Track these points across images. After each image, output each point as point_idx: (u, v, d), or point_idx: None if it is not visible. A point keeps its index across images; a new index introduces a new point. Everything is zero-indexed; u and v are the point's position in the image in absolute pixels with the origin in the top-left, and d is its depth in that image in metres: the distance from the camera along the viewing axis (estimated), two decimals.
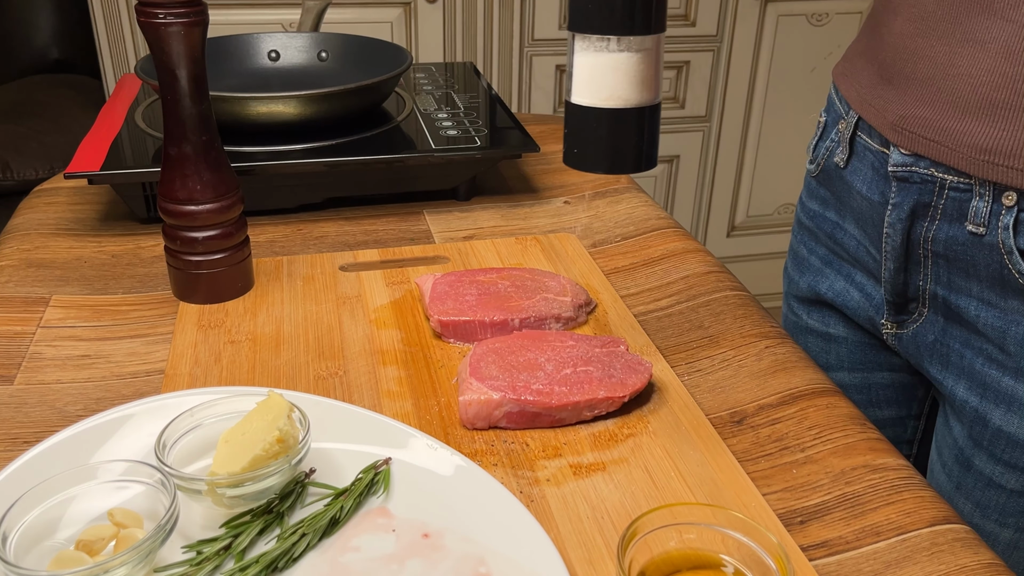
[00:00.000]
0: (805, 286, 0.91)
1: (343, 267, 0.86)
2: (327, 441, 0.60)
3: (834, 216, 0.86)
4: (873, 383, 0.88)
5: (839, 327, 0.89)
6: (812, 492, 0.60)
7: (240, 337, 0.74)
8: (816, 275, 0.89)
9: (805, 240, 0.91)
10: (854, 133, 0.80)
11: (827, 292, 0.88)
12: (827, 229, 0.87)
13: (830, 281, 0.87)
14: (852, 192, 0.80)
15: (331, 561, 0.52)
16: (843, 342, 0.89)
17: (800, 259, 0.92)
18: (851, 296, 0.85)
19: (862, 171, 0.79)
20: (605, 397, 0.64)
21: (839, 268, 0.87)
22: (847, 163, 0.81)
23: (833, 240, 0.86)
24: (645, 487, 0.59)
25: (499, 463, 0.61)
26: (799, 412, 0.68)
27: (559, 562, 0.50)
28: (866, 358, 0.88)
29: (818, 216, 0.88)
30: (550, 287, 0.79)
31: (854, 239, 0.83)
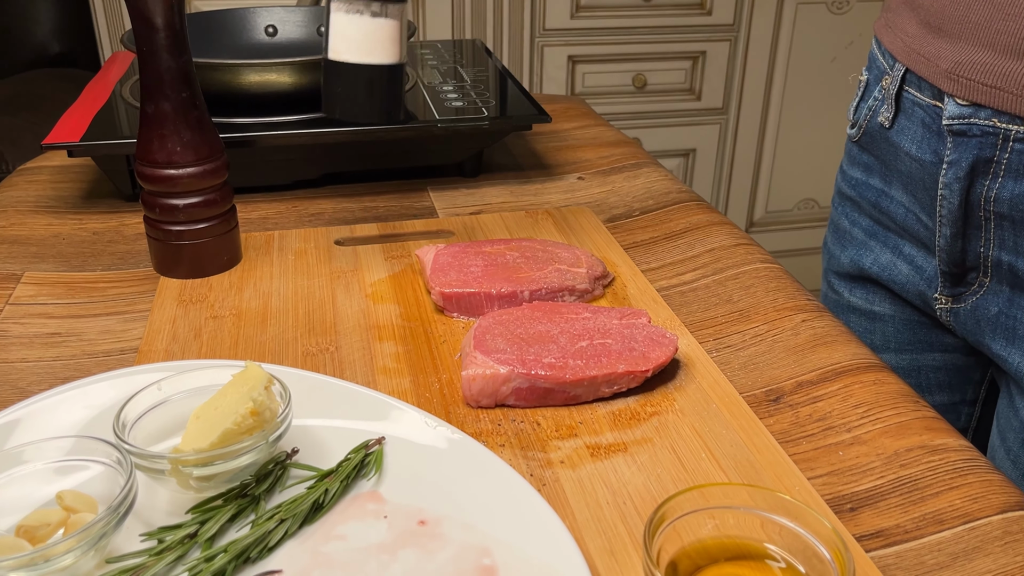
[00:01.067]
0: (847, 261, 0.84)
1: (339, 241, 0.80)
2: (313, 418, 0.53)
3: (879, 183, 0.79)
4: (923, 365, 0.81)
5: (885, 304, 0.81)
6: (862, 476, 0.53)
7: (223, 312, 0.68)
8: (859, 248, 0.82)
9: (847, 211, 0.84)
10: (900, 88, 0.73)
11: (872, 267, 0.81)
12: (871, 198, 0.80)
13: (875, 255, 0.80)
14: (899, 154, 0.73)
15: (312, 551, 0.45)
16: (889, 320, 0.81)
17: (841, 232, 0.85)
18: (899, 270, 0.78)
19: (910, 129, 0.72)
20: (626, 372, 0.57)
21: (885, 240, 0.79)
22: (893, 122, 0.74)
23: (878, 209, 0.79)
24: (672, 469, 0.52)
25: (506, 444, 0.54)
26: (843, 389, 0.60)
27: (575, 552, 0.43)
28: (915, 338, 0.80)
29: (861, 184, 0.81)
30: (563, 258, 0.72)
31: (902, 207, 0.76)
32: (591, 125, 1.15)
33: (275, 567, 0.44)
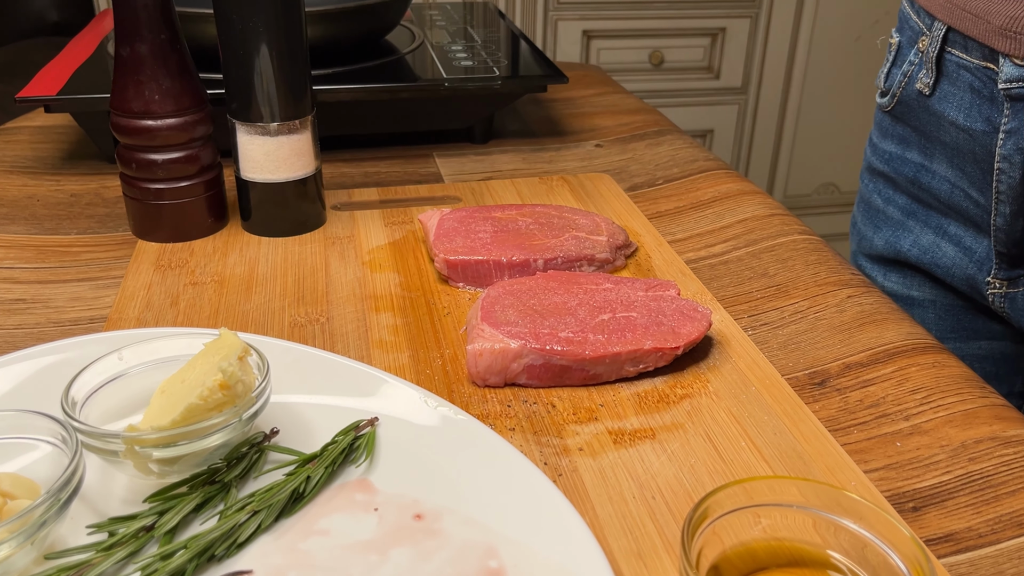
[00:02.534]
0: (881, 243, 0.76)
1: (335, 206, 0.73)
2: (297, 394, 0.47)
3: (917, 157, 0.71)
4: (967, 355, 0.74)
5: (924, 289, 0.74)
6: (925, 471, 0.46)
7: (204, 279, 0.61)
8: (896, 229, 0.74)
9: (880, 188, 0.76)
10: (941, 50, 0.65)
11: (910, 249, 0.73)
12: (909, 173, 0.72)
13: (914, 236, 0.72)
14: (942, 124, 0.66)
15: (289, 548, 0.38)
16: (929, 307, 0.74)
17: (874, 211, 0.77)
18: (943, 252, 0.70)
19: (956, 96, 0.64)
20: (653, 349, 0.51)
21: (926, 219, 0.72)
22: (934, 89, 0.66)
23: (917, 186, 0.71)
24: (708, 459, 0.45)
25: (517, 427, 0.47)
26: (898, 372, 0.54)
27: (597, 553, 0.37)
28: (960, 325, 0.73)
29: (896, 158, 0.73)
30: (581, 225, 0.65)
31: (947, 182, 0.68)
32: (609, 92, 1.08)
33: (244, 566, 0.37)
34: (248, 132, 0.64)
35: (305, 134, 0.65)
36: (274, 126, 0.63)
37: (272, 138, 0.64)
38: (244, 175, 0.65)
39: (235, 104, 0.63)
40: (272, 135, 0.64)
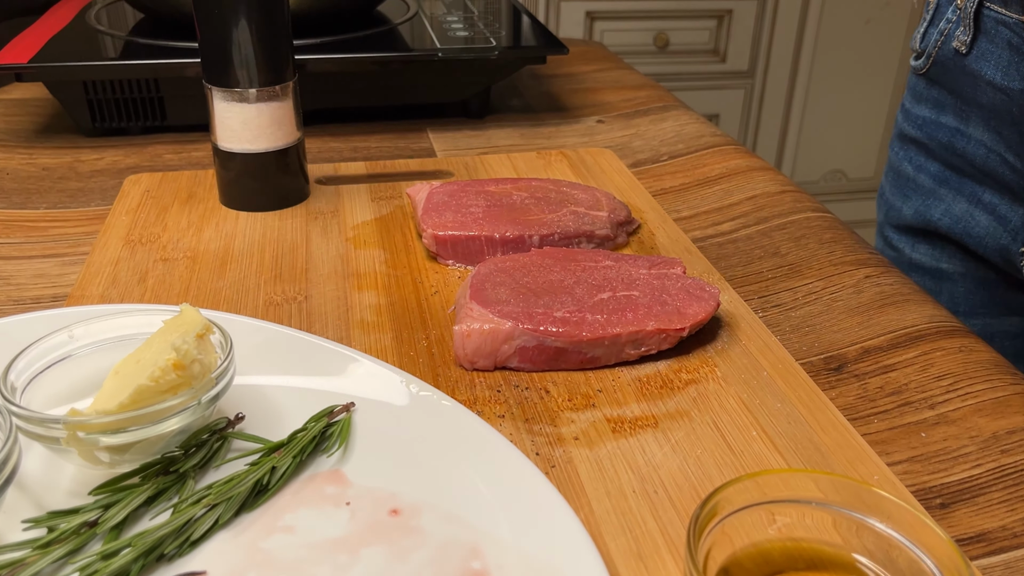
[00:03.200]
0: (911, 212, 0.72)
1: (320, 180, 0.69)
2: (267, 377, 0.43)
3: (952, 121, 0.67)
4: (997, 331, 0.70)
5: (955, 261, 0.70)
6: (953, 464, 0.42)
7: (176, 255, 0.57)
8: (927, 198, 0.70)
9: (911, 155, 0.72)
10: (980, 5, 0.61)
11: (941, 219, 0.69)
12: (943, 138, 0.68)
13: (946, 204, 0.68)
14: (979, 84, 0.62)
15: (248, 546, 0.34)
16: (959, 280, 0.70)
17: (904, 179, 0.73)
18: (976, 221, 0.66)
19: (993, 54, 0.60)
20: (656, 330, 0.47)
21: (959, 187, 0.68)
22: (971, 47, 0.62)
23: (951, 151, 0.67)
24: (716, 450, 0.41)
25: (507, 415, 0.43)
26: (921, 357, 0.49)
27: (592, 554, 0.33)
28: (990, 299, 0.69)
29: (930, 123, 0.69)
30: (580, 200, 0.61)
31: (982, 147, 0.64)
32: (612, 68, 1.04)
33: (198, 567, 0.33)
34: (225, 99, 0.60)
35: (286, 102, 0.61)
36: (252, 92, 0.59)
37: (250, 105, 0.60)
38: (221, 145, 0.61)
39: (211, 68, 0.59)
40: (251, 102, 0.60)
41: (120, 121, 0.80)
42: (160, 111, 0.80)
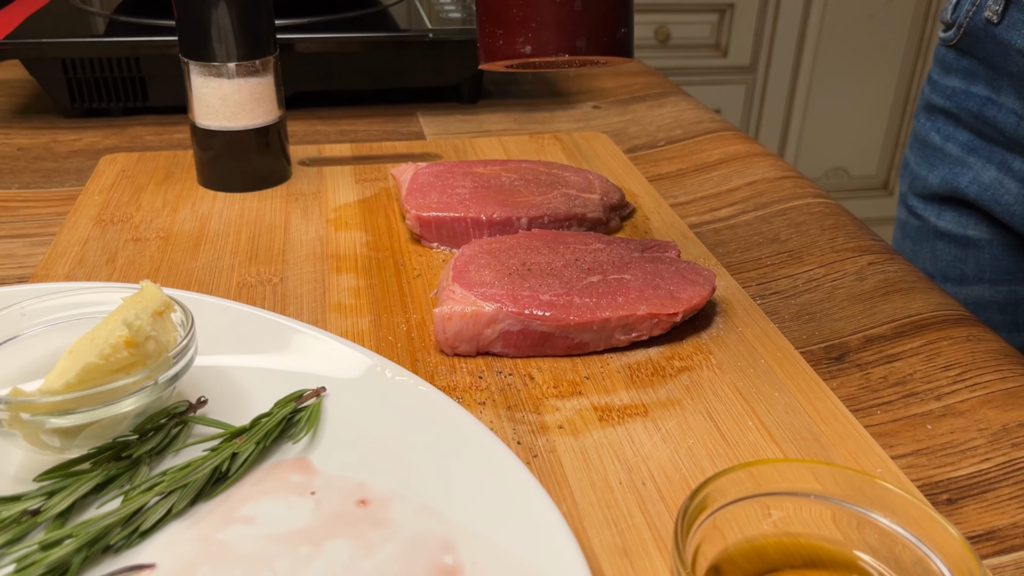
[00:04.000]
0: (937, 181, 0.71)
1: (303, 161, 0.66)
2: (234, 359, 0.40)
3: (983, 90, 0.66)
4: (1022, 299, 0.68)
5: (981, 228, 0.69)
6: (961, 458, 0.40)
7: (148, 235, 0.55)
8: (954, 166, 0.69)
9: (939, 125, 0.71)
10: None
11: (969, 186, 0.68)
12: (973, 107, 0.67)
13: (975, 172, 0.67)
14: (1009, 52, 0.60)
15: (203, 537, 0.32)
16: (986, 247, 0.69)
17: (932, 149, 0.72)
18: (1005, 188, 0.65)
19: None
20: (648, 314, 0.44)
21: (989, 155, 0.66)
22: (1002, 16, 0.60)
23: (981, 120, 0.66)
24: (709, 440, 0.39)
25: (488, 401, 0.41)
26: (927, 346, 0.47)
27: (573, 548, 0.30)
28: (1016, 265, 0.68)
29: (960, 93, 0.68)
30: (572, 182, 0.59)
31: (1013, 114, 0.63)
32: None
33: (147, 559, 0.31)
34: (202, 74, 0.57)
35: (266, 78, 0.59)
36: (231, 67, 0.57)
37: (229, 81, 0.57)
38: (199, 123, 0.59)
39: (187, 41, 0.57)
40: (229, 77, 0.57)
41: (100, 102, 0.77)
42: (142, 92, 0.77)
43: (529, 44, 0.38)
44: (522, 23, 0.38)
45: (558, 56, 0.39)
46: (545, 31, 0.38)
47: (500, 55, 0.39)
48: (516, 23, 0.38)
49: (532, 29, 0.38)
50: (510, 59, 0.39)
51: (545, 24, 0.38)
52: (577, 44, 0.38)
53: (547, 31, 0.38)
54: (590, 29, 0.38)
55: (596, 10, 0.38)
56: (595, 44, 0.39)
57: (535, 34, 0.38)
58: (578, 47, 0.38)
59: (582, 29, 0.38)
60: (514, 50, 0.39)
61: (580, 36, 0.38)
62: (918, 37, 2.14)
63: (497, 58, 0.39)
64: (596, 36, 0.39)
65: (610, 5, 0.39)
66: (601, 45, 0.39)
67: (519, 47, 0.39)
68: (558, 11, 0.38)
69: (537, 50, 0.38)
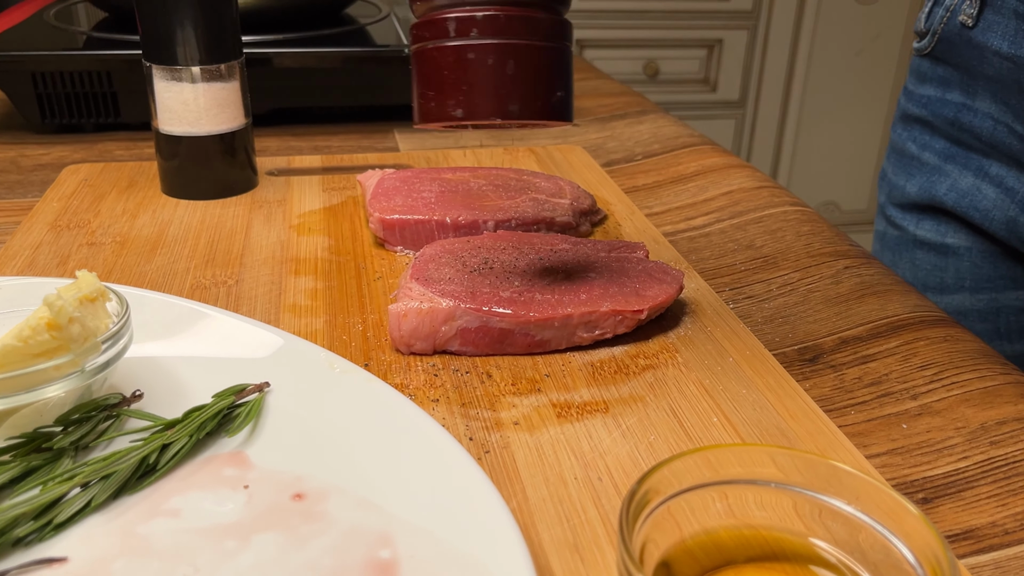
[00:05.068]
0: (915, 190, 0.70)
1: (271, 172, 0.65)
2: (176, 353, 0.39)
3: (959, 96, 0.65)
4: (1003, 306, 0.66)
5: (960, 236, 0.67)
6: (938, 457, 0.38)
7: (104, 239, 0.53)
8: (932, 174, 0.68)
9: (915, 135, 0.70)
10: None
11: (947, 194, 0.67)
12: (949, 115, 0.66)
13: (952, 180, 0.66)
14: (986, 56, 0.60)
15: (122, 531, 0.30)
16: (965, 254, 0.67)
17: (908, 158, 0.71)
18: (983, 194, 0.64)
19: (1000, 24, 0.58)
20: (612, 311, 0.42)
21: (965, 162, 0.65)
22: (977, 19, 0.60)
23: (957, 127, 0.65)
24: (671, 436, 0.37)
25: (442, 399, 0.39)
26: (904, 347, 0.45)
27: (517, 543, 0.28)
28: (996, 273, 0.66)
29: (935, 101, 0.67)
30: (542, 188, 0.57)
31: (989, 119, 0.62)
32: (591, 77, 1.01)
33: (61, 553, 0.29)
34: (165, 78, 0.56)
35: (231, 84, 0.58)
36: (194, 71, 0.56)
37: (191, 85, 0.56)
38: (162, 128, 0.58)
39: (150, 45, 0.56)
40: (192, 82, 0.56)
41: (72, 118, 0.76)
42: (113, 107, 0.76)
43: (460, 108, 0.37)
44: (454, 86, 0.37)
45: (491, 120, 0.37)
46: (477, 95, 0.37)
47: (433, 117, 0.38)
48: (448, 86, 0.37)
49: (464, 92, 0.37)
50: (442, 122, 0.38)
51: (477, 88, 0.37)
52: (510, 108, 0.37)
53: (479, 95, 0.37)
54: (523, 93, 0.37)
55: (529, 74, 0.37)
56: (529, 108, 0.38)
57: (467, 97, 0.37)
58: (510, 111, 0.37)
59: (515, 93, 0.37)
60: (446, 113, 0.38)
61: (513, 100, 0.37)
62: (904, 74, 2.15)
63: (430, 119, 0.38)
64: (530, 100, 0.38)
65: (544, 69, 0.38)
66: (535, 109, 0.38)
67: (450, 110, 0.38)
68: (490, 75, 0.37)
69: (469, 114, 0.37)
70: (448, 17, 0.37)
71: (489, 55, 0.37)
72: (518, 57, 0.37)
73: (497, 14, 0.37)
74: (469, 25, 0.37)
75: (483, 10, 0.37)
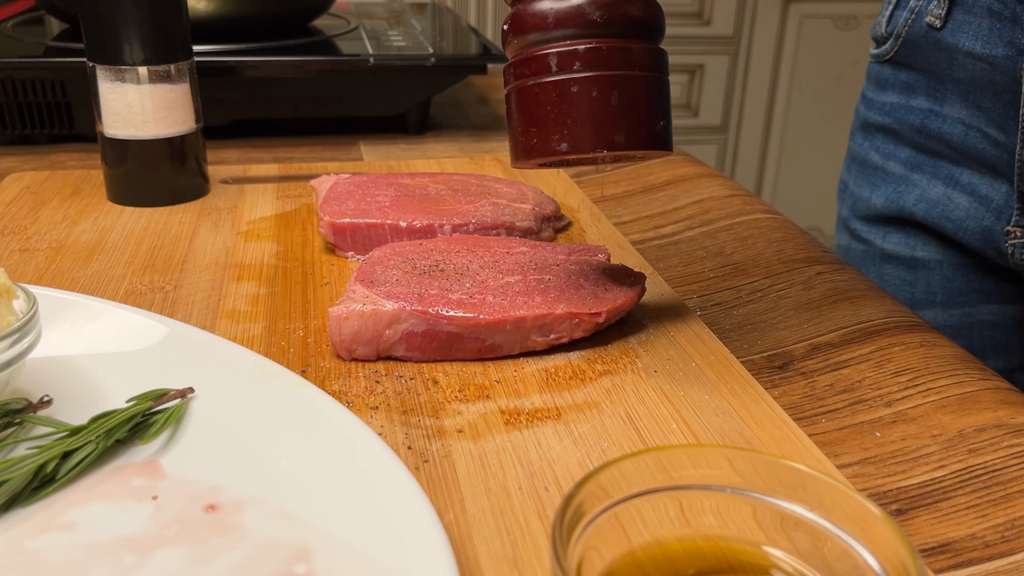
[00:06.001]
0: (881, 201, 0.67)
1: (224, 180, 0.63)
2: (93, 358, 0.36)
3: (925, 102, 0.62)
4: (976, 321, 0.64)
5: (930, 248, 0.65)
6: (913, 465, 0.35)
7: (39, 246, 0.51)
8: (898, 185, 0.65)
9: (879, 144, 0.67)
10: None
11: (916, 205, 0.64)
12: (914, 121, 0.63)
13: (920, 190, 0.63)
14: (956, 58, 0.57)
15: (9, 545, 0.27)
16: (936, 268, 0.64)
17: (872, 168, 0.68)
18: (954, 204, 0.61)
19: (971, 24, 0.56)
20: (567, 314, 0.40)
21: (934, 171, 0.63)
22: (945, 20, 0.58)
23: (924, 134, 0.63)
24: (627, 443, 0.34)
25: (382, 406, 0.36)
26: (878, 352, 0.43)
27: (445, 558, 0.26)
28: (969, 287, 0.63)
29: (899, 108, 0.65)
30: (503, 193, 0.55)
31: (960, 124, 0.60)
32: None
33: None
34: (110, 79, 0.54)
35: (181, 86, 0.55)
36: (140, 71, 0.53)
37: (136, 86, 0.54)
38: (107, 132, 0.55)
39: (93, 43, 0.54)
40: (137, 83, 0.54)
41: (25, 128, 0.74)
42: (68, 118, 0.74)
43: (565, 142, 0.36)
44: (557, 121, 0.36)
45: (596, 152, 0.36)
46: (581, 128, 0.36)
47: (536, 154, 0.37)
48: (551, 121, 0.36)
49: (568, 127, 0.36)
50: (546, 158, 0.37)
51: (581, 121, 0.36)
52: (615, 139, 0.36)
53: (583, 128, 0.36)
54: (628, 124, 0.36)
55: (633, 104, 0.36)
56: (633, 138, 0.36)
57: (571, 131, 0.36)
58: (616, 142, 0.36)
59: (619, 124, 0.36)
60: (550, 148, 0.36)
61: (618, 131, 0.36)
62: None
63: (532, 157, 0.37)
64: (634, 130, 0.36)
65: (646, 99, 0.37)
66: (639, 139, 0.37)
67: (555, 145, 0.36)
68: (594, 107, 0.36)
69: (573, 147, 0.36)
70: (549, 52, 0.36)
71: (593, 87, 0.35)
72: (621, 88, 0.36)
73: (599, 47, 0.35)
74: (571, 59, 0.36)
75: (584, 43, 0.36)
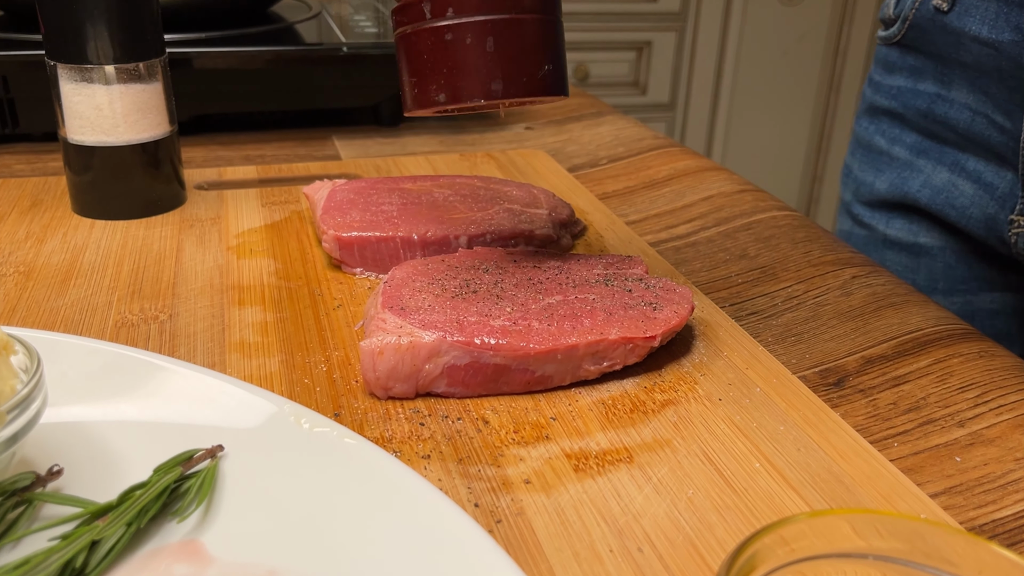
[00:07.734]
0: (885, 186, 0.65)
1: (200, 186, 0.57)
2: (103, 414, 0.31)
3: (932, 86, 0.61)
4: (978, 309, 0.63)
5: (934, 235, 0.64)
6: (1003, 494, 0.33)
7: (5, 270, 0.45)
8: (903, 170, 0.64)
9: (884, 128, 0.66)
10: None
11: (920, 191, 0.63)
12: (921, 106, 0.62)
13: (925, 175, 0.62)
14: (962, 42, 0.56)
15: None
16: (938, 255, 0.63)
17: (877, 153, 0.67)
18: (959, 191, 0.60)
19: (979, 8, 0.54)
20: (622, 339, 0.37)
21: (939, 156, 0.62)
22: (953, 4, 0.56)
23: (931, 119, 0.61)
24: (712, 489, 0.31)
25: (434, 454, 0.33)
26: (936, 365, 0.41)
27: None
28: (971, 274, 0.63)
29: (906, 92, 0.63)
30: (515, 197, 0.51)
31: (966, 110, 0.58)
32: None
33: None
34: (73, 79, 0.48)
35: (153, 85, 0.50)
36: (108, 70, 0.48)
37: (105, 87, 0.48)
38: (72, 138, 0.50)
39: (54, 40, 0.48)
40: (105, 83, 0.48)
41: None
42: (11, 116, 0.67)
43: (443, 92, 0.36)
44: (434, 70, 0.36)
45: (474, 102, 0.35)
46: (457, 77, 0.35)
47: (417, 105, 0.37)
48: (428, 70, 0.36)
49: (444, 76, 0.36)
50: (426, 109, 0.36)
51: (457, 69, 0.35)
52: (493, 88, 0.36)
53: (459, 77, 0.35)
54: (506, 71, 0.35)
55: (511, 50, 0.35)
56: (513, 86, 0.36)
57: (448, 81, 0.35)
58: (494, 91, 0.36)
59: (496, 72, 0.35)
60: (429, 99, 0.36)
61: (495, 79, 0.35)
62: (829, 73, 2.17)
63: (416, 107, 0.37)
64: (514, 77, 0.36)
65: (528, 43, 0.36)
66: (520, 86, 0.36)
67: (433, 95, 0.36)
68: (469, 55, 0.35)
69: (451, 98, 0.36)
70: None
71: (467, 34, 0.35)
72: (497, 33, 0.35)
73: None
74: (444, 5, 0.35)
75: None
